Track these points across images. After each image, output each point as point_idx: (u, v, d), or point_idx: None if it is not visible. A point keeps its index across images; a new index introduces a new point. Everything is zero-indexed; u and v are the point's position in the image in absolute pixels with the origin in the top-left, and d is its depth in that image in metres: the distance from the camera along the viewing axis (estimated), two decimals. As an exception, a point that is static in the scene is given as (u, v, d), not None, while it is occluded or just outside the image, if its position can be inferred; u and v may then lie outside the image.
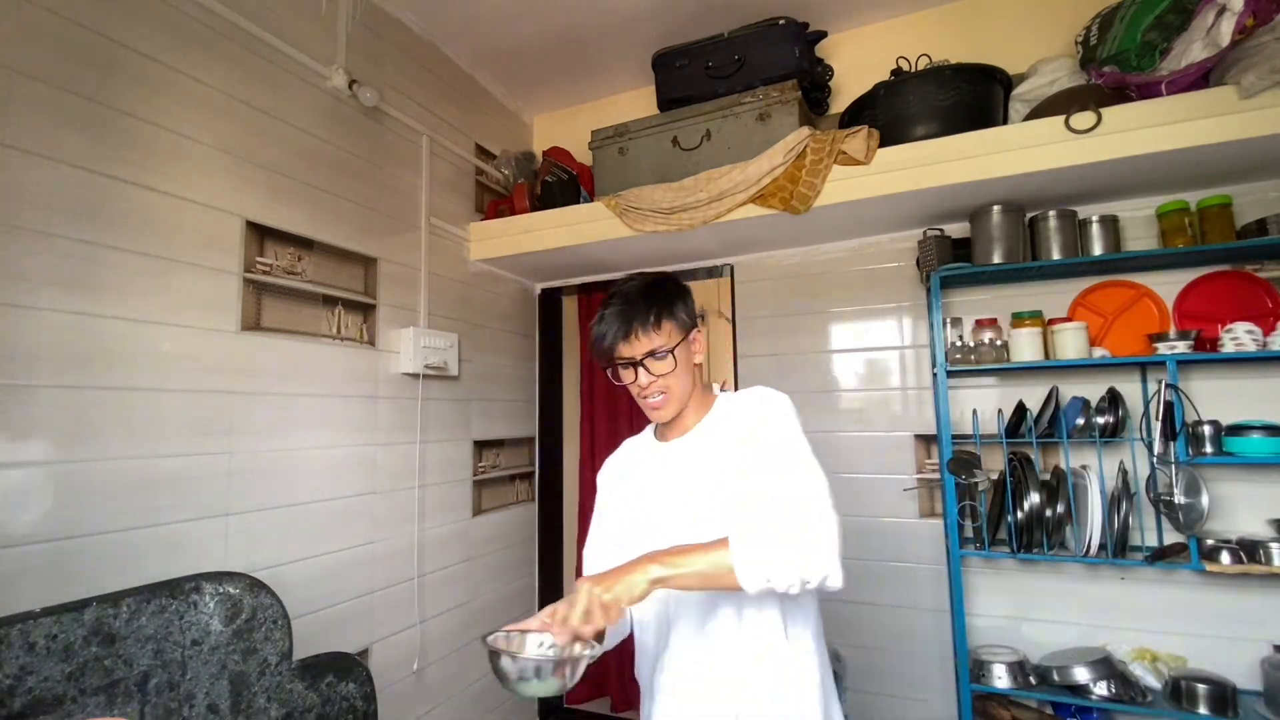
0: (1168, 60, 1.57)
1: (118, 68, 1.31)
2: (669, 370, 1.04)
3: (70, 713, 0.97)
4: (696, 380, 1.12)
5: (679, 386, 1.07)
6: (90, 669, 1.00)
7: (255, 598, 1.25)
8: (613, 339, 1.04)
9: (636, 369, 1.05)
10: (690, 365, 1.10)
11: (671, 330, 1.06)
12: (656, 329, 1.04)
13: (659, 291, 1.07)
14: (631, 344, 1.04)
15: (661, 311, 1.05)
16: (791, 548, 0.85)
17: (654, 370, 1.04)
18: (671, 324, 1.06)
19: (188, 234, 1.43)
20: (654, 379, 1.05)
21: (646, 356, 1.03)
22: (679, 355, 1.06)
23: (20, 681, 0.93)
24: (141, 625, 1.08)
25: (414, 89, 2.16)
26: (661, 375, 1.05)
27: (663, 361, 1.04)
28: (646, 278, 1.10)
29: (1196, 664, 1.73)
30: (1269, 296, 1.74)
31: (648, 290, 1.07)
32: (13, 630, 0.93)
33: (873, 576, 2.16)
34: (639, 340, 1.03)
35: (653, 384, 1.05)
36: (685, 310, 1.09)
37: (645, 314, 1.03)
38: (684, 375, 1.07)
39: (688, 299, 1.11)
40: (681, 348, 1.06)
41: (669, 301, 1.07)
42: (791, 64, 2.01)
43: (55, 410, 1.18)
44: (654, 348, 1.03)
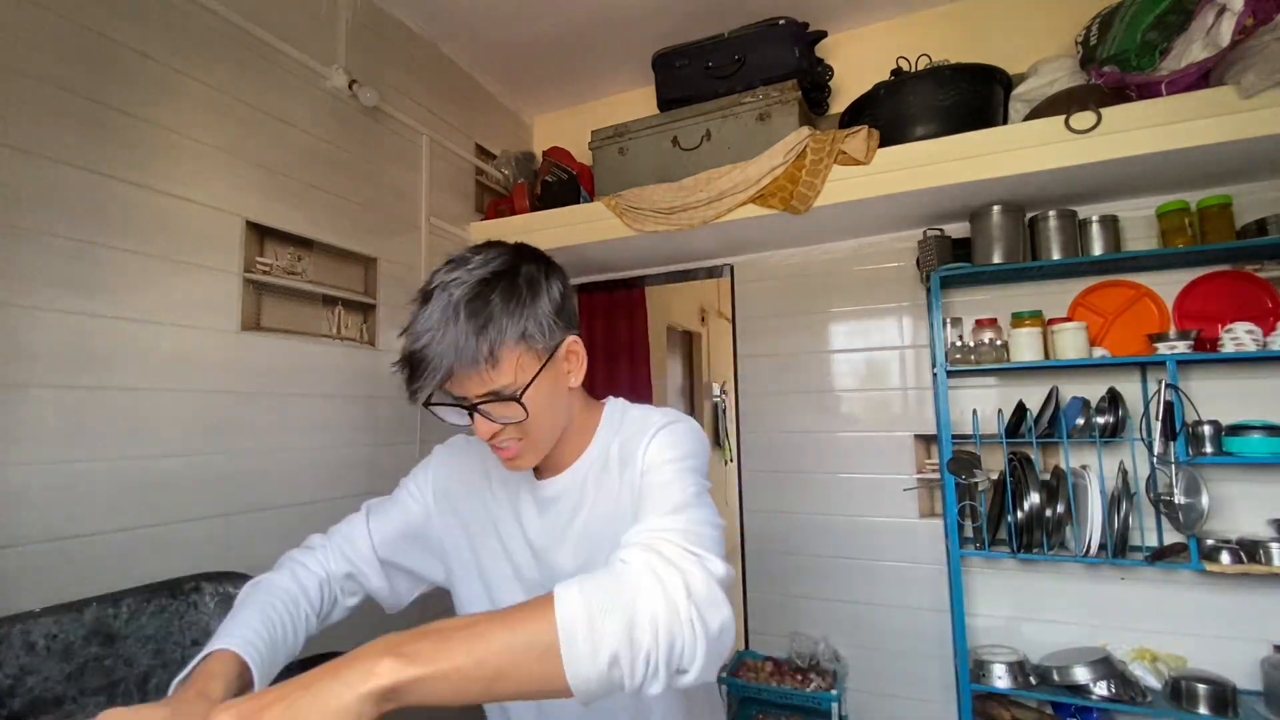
0: (1168, 60, 1.57)
1: (118, 68, 1.31)
2: (519, 418, 0.71)
3: (70, 713, 0.97)
4: (574, 405, 0.80)
5: (539, 431, 0.74)
6: (90, 669, 1.00)
7: (255, 598, 1.25)
8: (426, 381, 0.67)
9: (472, 413, 0.72)
10: (560, 395, 0.76)
11: (520, 360, 0.70)
12: (492, 366, 0.68)
13: (494, 300, 0.69)
14: (457, 385, 0.70)
15: (500, 336, 0.68)
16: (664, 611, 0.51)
17: (497, 418, 0.71)
18: (519, 352, 0.70)
19: (188, 234, 1.43)
20: (499, 427, 0.72)
21: (484, 401, 0.70)
22: (535, 393, 0.71)
23: (20, 681, 0.93)
24: (141, 625, 1.08)
25: (414, 89, 2.16)
26: (510, 423, 0.72)
27: (509, 407, 0.70)
28: (479, 269, 0.72)
29: (1196, 664, 1.73)
30: (1269, 296, 1.74)
31: (477, 298, 0.69)
32: (13, 630, 0.93)
33: (873, 576, 2.16)
34: (464, 384, 0.69)
35: (498, 434, 0.73)
36: (542, 322, 0.72)
37: (474, 343, 0.67)
38: (549, 414, 0.74)
39: (545, 298, 0.74)
40: (541, 380, 0.72)
41: (513, 315, 0.70)
42: (791, 64, 2.01)
43: (55, 410, 1.18)
44: (494, 389, 0.69)
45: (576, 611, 0.50)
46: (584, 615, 0.49)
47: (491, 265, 0.73)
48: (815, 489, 2.26)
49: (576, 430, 0.82)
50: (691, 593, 0.52)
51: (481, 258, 0.74)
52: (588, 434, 0.83)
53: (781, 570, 2.29)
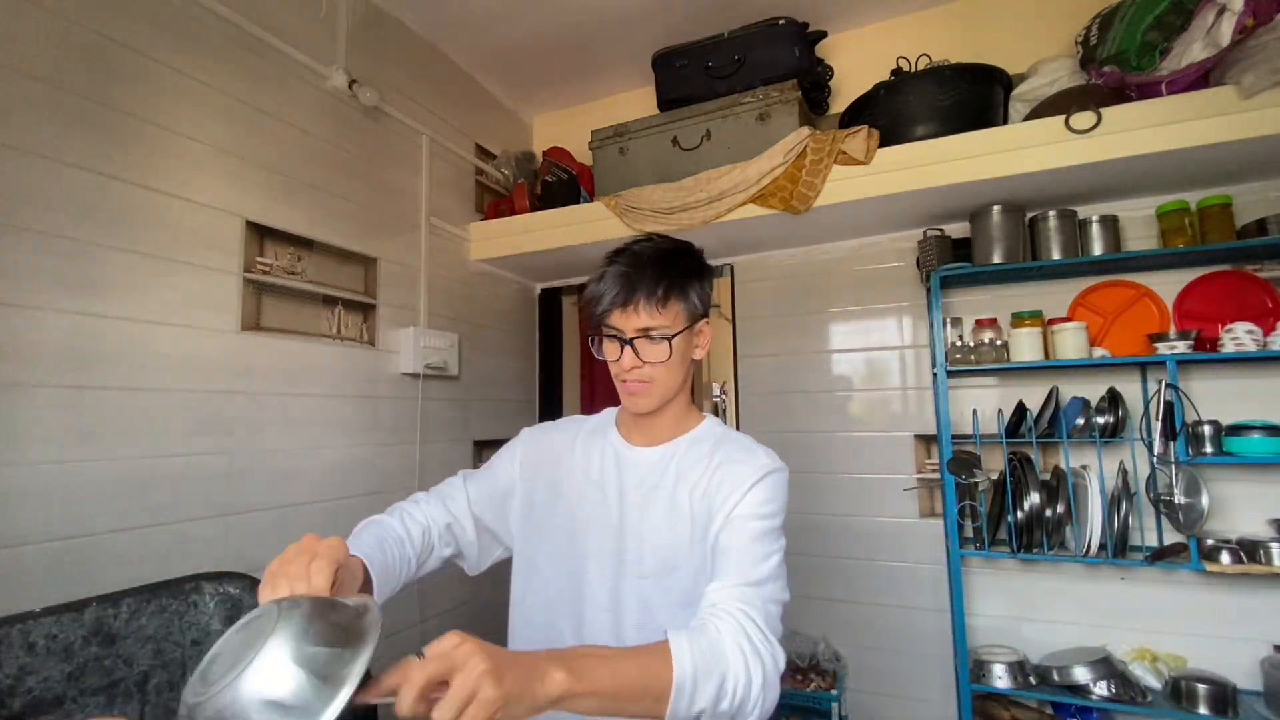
0: (1168, 60, 1.57)
1: (118, 68, 1.31)
2: (661, 358, 0.88)
3: (70, 713, 0.97)
4: (687, 381, 0.97)
5: (667, 379, 0.91)
6: (90, 669, 1.00)
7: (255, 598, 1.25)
8: (608, 304, 0.88)
9: (624, 346, 0.89)
10: (686, 359, 0.93)
11: (677, 313, 0.89)
12: (661, 307, 0.87)
13: (676, 263, 0.91)
14: (627, 315, 0.88)
15: (672, 288, 0.88)
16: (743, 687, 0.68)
17: (643, 354, 0.89)
18: (679, 306, 0.89)
19: (188, 234, 1.43)
20: (640, 364, 0.89)
21: (639, 336, 0.88)
22: (677, 345, 0.89)
23: (20, 681, 0.93)
24: (141, 625, 1.08)
25: (414, 89, 2.16)
26: (651, 362, 0.89)
27: (657, 346, 0.88)
28: (665, 242, 0.94)
29: (1196, 664, 1.73)
30: (1269, 296, 1.74)
31: (663, 258, 0.90)
32: (13, 630, 0.93)
33: (873, 576, 2.16)
34: (636, 314, 0.87)
35: (637, 368, 0.89)
36: (699, 294, 0.93)
37: (652, 285, 0.87)
38: (676, 368, 0.91)
39: (706, 281, 0.95)
40: (683, 337, 0.90)
41: (684, 278, 0.90)
42: (791, 64, 2.01)
43: (56, 410, 1.18)
44: (651, 326, 0.87)
45: (686, 671, 0.65)
46: (690, 676, 0.65)
47: (673, 244, 0.94)
48: (815, 489, 2.26)
49: (678, 413, 0.97)
50: (765, 679, 0.70)
51: (664, 239, 0.95)
52: (686, 424, 0.98)
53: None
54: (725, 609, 0.75)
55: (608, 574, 0.92)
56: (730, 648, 0.70)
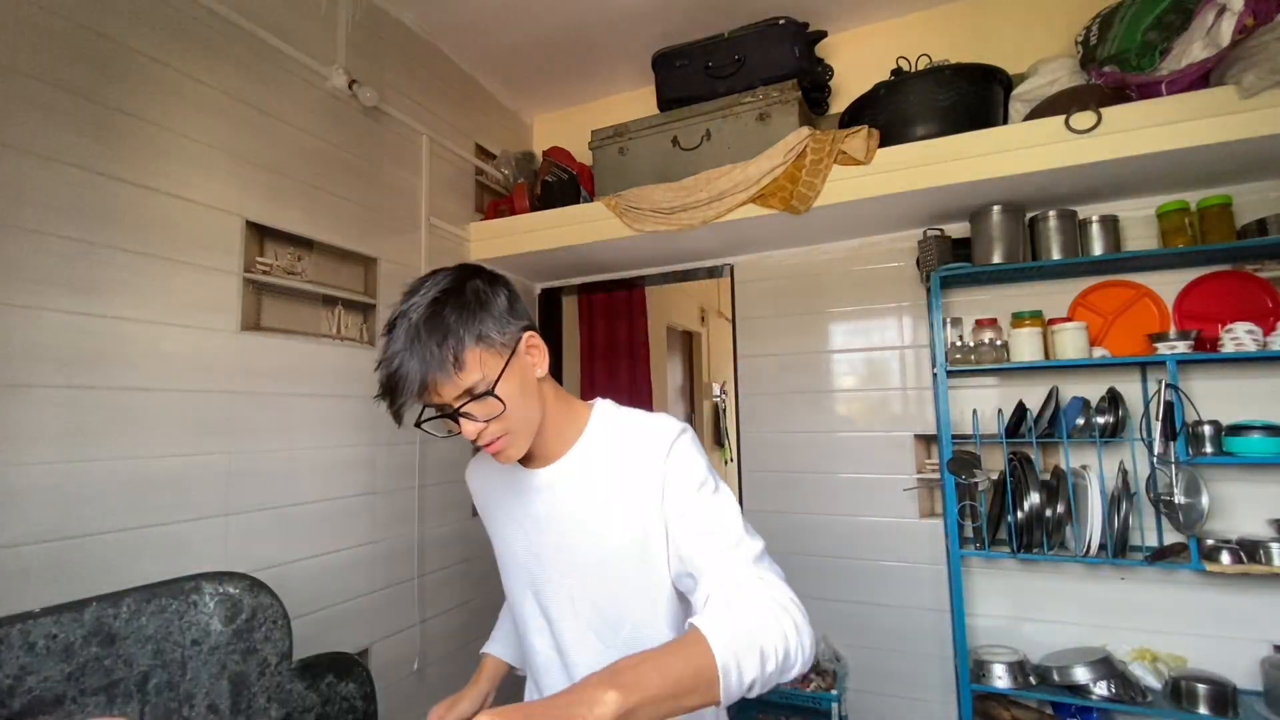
0: (1168, 60, 1.57)
1: (118, 68, 1.31)
2: (497, 411, 0.79)
3: (70, 713, 0.97)
4: (549, 398, 0.89)
5: (519, 419, 0.82)
6: (90, 669, 1.00)
7: (255, 598, 1.25)
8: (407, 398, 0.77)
9: (456, 419, 0.80)
10: (528, 385, 0.84)
11: (484, 359, 0.79)
12: (458, 368, 0.76)
13: (448, 313, 0.78)
14: (435, 395, 0.78)
15: (460, 342, 0.77)
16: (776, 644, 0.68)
17: (480, 415, 0.80)
18: (481, 351, 0.79)
19: (188, 234, 1.43)
20: (484, 425, 0.80)
21: (463, 404, 0.78)
22: (506, 386, 0.80)
23: (20, 681, 0.93)
24: (141, 625, 1.08)
25: (414, 89, 2.16)
26: (491, 419, 0.80)
27: (487, 403, 0.79)
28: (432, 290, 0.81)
29: (1197, 664, 1.73)
30: (1269, 296, 1.74)
31: (433, 316, 0.77)
32: (13, 630, 0.93)
33: (873, 576, 2.16)
34: (440, 392, 0.78)
35: (483, 432, 0.81)
36: (498, 322, 0.81)
37: (438, 352, 0.76)
38: (520, 405, 0.82)
39: (493, 307, 0.82)
40: (509, 374, 0.81)
41: (469, 323, 0.78)
42: (791, 64, 2.01)
43: (55, 410, 1.18)
44: (466, 389, 0.78)
45: (727, 650, 0.65)
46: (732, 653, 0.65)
47: (440, 285, 0.81)
48: (815, 489, 2.26)
49: (559, 422, 0.90)
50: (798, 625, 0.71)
51: (430, 281, 0.83)
52: (576, 428, 0.91)
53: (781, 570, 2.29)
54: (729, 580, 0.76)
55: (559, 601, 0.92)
56: (756, 613, 0.70)
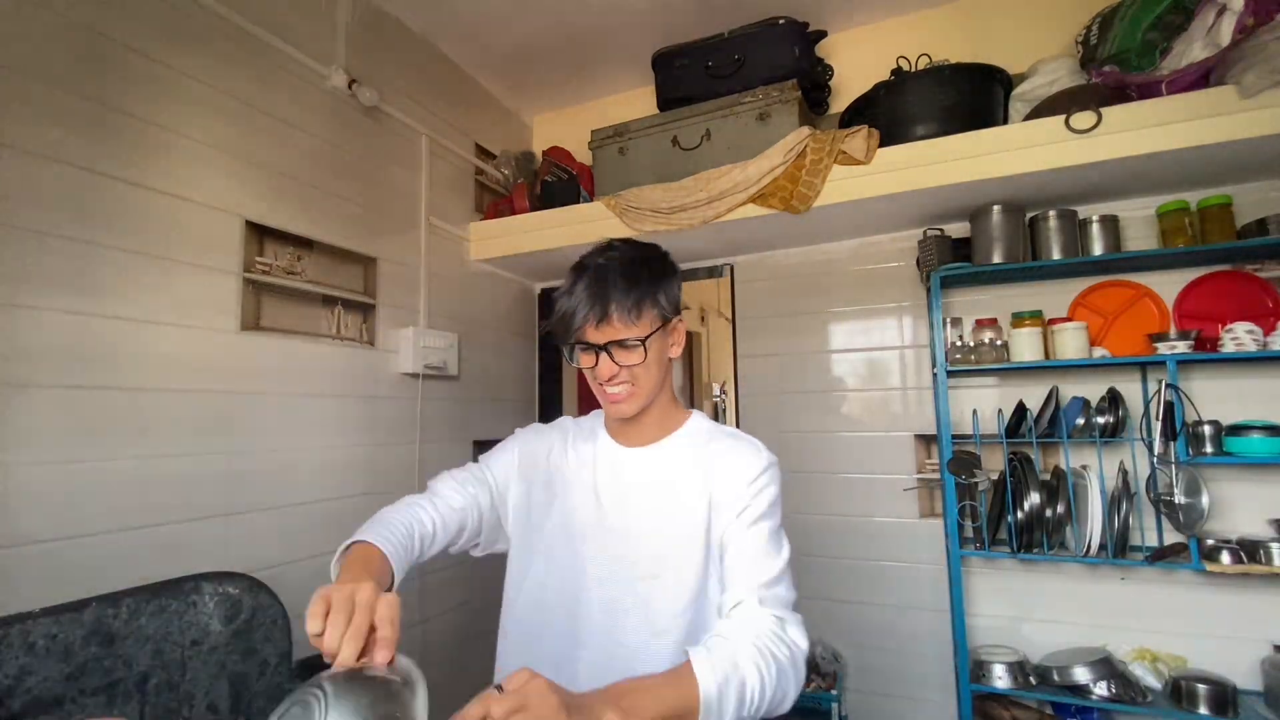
0: (1168, 60, 1.57)
1: (118, 68, 1.31)
2: (637, 361, 0.90)
3: (70, 713, 0.97)
4: (668, 379, 0.99)
5: (647, 380, 0.93)
6: (90, 669, 1.00)
7: (255, 598, 1.25)
8: (580, 321, 0.89)
9: (599, 354, 0.91)
10: (663, 358, 0.96)
11: (651, 319, 0.91)
12: (634, 317, 0.89)
13: (644, 271, 0.92)
14: (601, 329, 0.89)
15: (643, 297, 0.90)
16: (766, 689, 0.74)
17: (620, 360, 0.90)
18: (652, 312, 0.91)
19: (188, 234, 1.43)
20: (618, 369, 0.91)
21: (613, 345, 0.89)
22: (651, 346, 0.91)
23: (20, 681, 0.93)
24: (141, 625, 1.08)
25: (414, 89, 2.16)
26: (627, 366, 0.91)
27: (632, 351, 0.90)
28: (630, 250, 0.95)
29: (1197, 664, 1.73)
30: (1269, 296, 1.74)
31: (630, 268, 0.91)
32: (12, 630, 0.93)
33: (873, 576, 2.16)
34: (611, 327, 0.89)
35: (616, 374, 0.91)
36: (669, 296, 0.95)
37: (624, 297, 0.88)
38: (654, 369, 0.93)
39: (673, 282, 0.97)
40: (656, 337, 0.92)
41: (653, 285, 0.92)
42: (791, 64, 2.01)
43: (55, 410, 1.18)
44: (624, 336, 0.89)
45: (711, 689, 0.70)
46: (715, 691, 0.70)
47: (639, 250, 0.96)
48: (815, 489, 2.26)
49: (665, 409, 1.00)
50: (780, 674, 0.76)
51: (627, 244, 0.97)
52: (674, 423, 1.00)
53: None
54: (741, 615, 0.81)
55: (606, 577, 0.93)
56: (746, 657, 0.74)
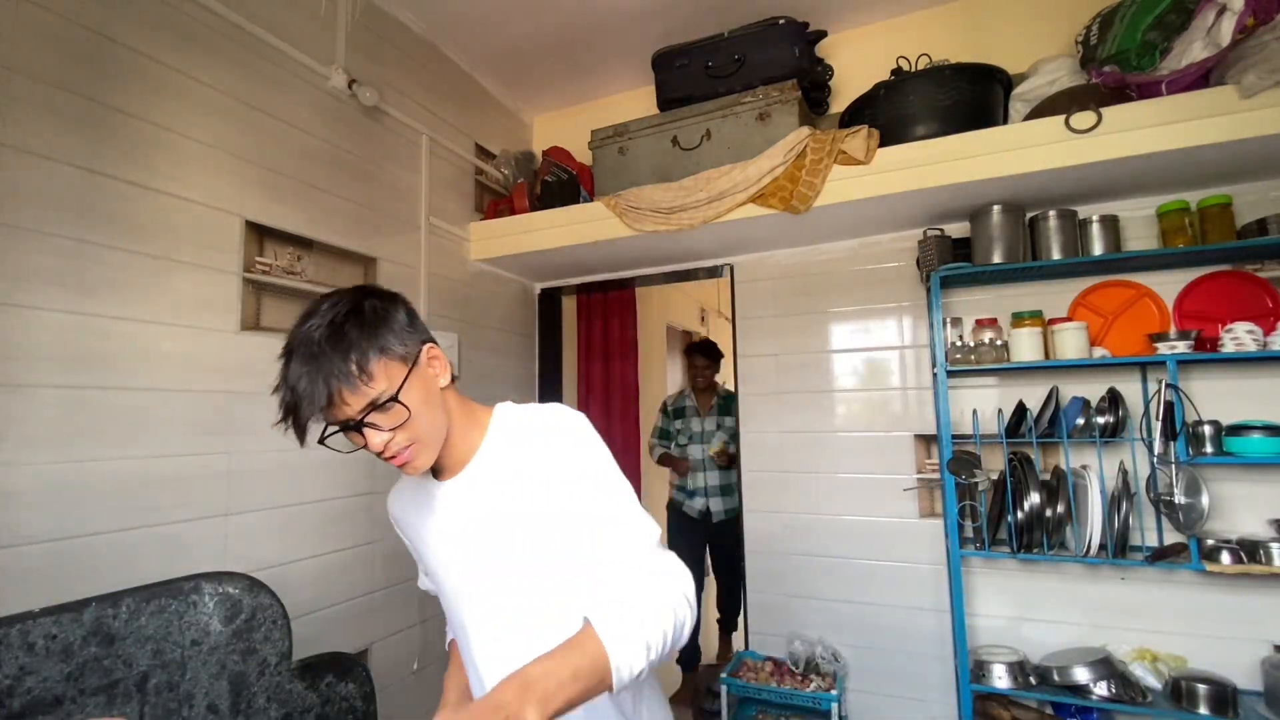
0: (1168, 60, 1.57)
1: (118, 68, 1.31)
2: (402, 420, 0.80)
3: (70, 713, 0.97)
4: (451, 407, 0.89)
5: (425, 427, 0.83)
6: (89, 669, 1.00)
7: (255, 598, 1.25)
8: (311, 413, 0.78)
9: (360, 432, 0.80)
10: (431, 394, 0.85)
11: (387, 369, 0.80)
12: (366, 379, 0.77)
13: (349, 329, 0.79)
14: (340, 409, 0.78)
15: (364, 355, 0.78)
16: (665, 630, 0.73)
17: (384, 425, 0.80)
18: (384, 362, 0.80)
19: (188, 234, 1.43)
20: (389, 435, 0.81)
21: (367, 414, 0.79)
22: (411, 394, 0.81)
23: (19, 681, 0.93)
24: (141, 625, 1.08)
25: (414, 89, 2.16)
26: (397, 428, 0.81)
27: (390, 412, 0.80)
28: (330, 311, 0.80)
29: (1197, 664, 1.73)
30: (1269, 296, 1.74)
31: (335, 333, 0.78)
32: (12, 630, 0.93)
33: (873, 576, 2.16)
34: (347, 403, 0.78)
35: (388, 442, 0.81)
36: (397, 336, 0.82)
37: (343, 365, 0.76)
38: (426, 413, 0.83)
39: (393, 319, 0.83)
40: (412, 383, 0.82)
41: (371, 336, 0.80)
42: (791, 64, 2.01)
43: (55, 410, 1.18)
44: (372, 399, 0.78)
45: (619, 653, 0.69)
46: (625, 655, 0.69)
47: (339, 307, 0.81)
48: (815, 489, 2.26)
49: (465, 430, 0.91)
50: (675, 610, 0.76)
51: (327, 304, 0.82)
52: (479, 433, 0.92)
53: (781, 570, 2.29)
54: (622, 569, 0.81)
55: (461, 620, 0.93)
56: (645, 603, 0.75)
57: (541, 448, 0.87)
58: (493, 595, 0.89)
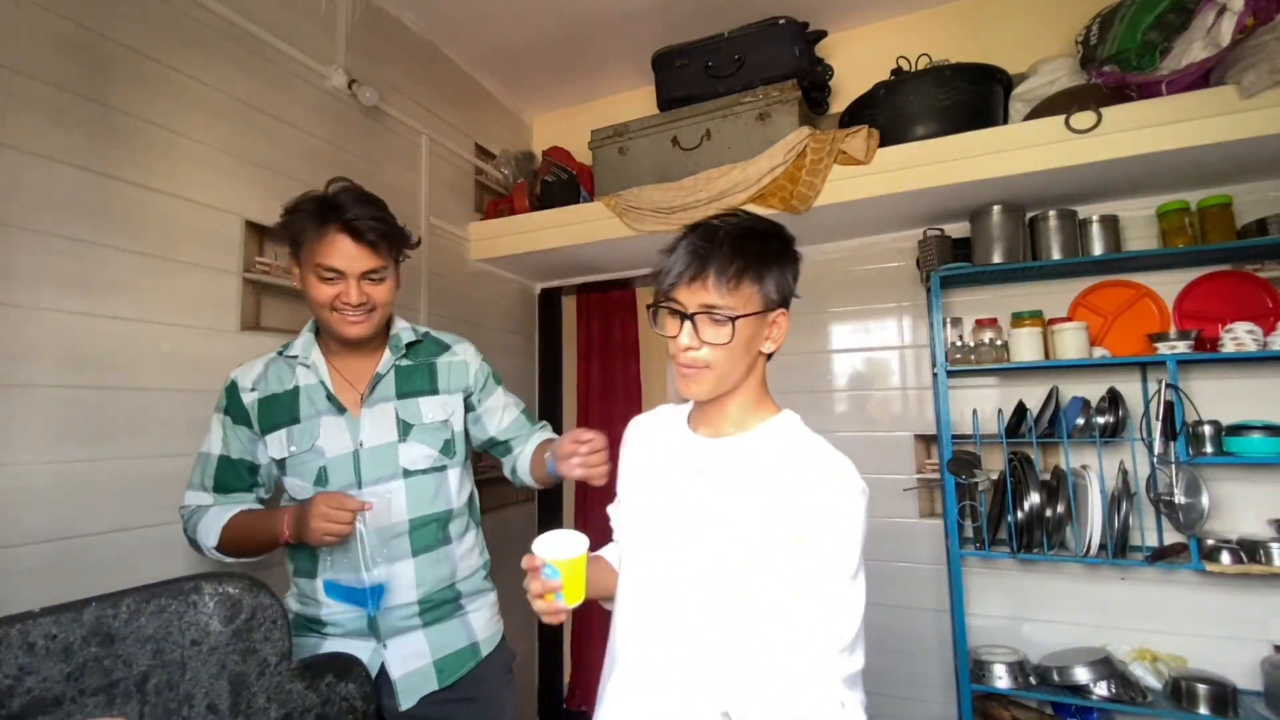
0: (1168, 60, 1.57)
1: (118, 68, 1.31)
2: (722, 340, 0.81)
3: (70, 713, 0.97)
4: (756, 372, 0.88)
5: (726, 365, 0.83)
6: (89, 669, 1.00)
7: (255, 598, 1.25)
8: (674, 278, 0.82)
9: (684, 321, 0.82)
10: (753, 347, 0.85)
11: (749, 296, 0.81)
12: (732, 287, 0.80)
13: (756, 243, 0.82)
14: (694, 290, 0.81)
15: (747, 268, 0.80)
16: None
17: (703, 334, 0.81)
18: (753, 288, 0.81)
19: (188, 234, 1.43)
20: (698, 344, 0.82)
21: (701, 312, 0.81)
22: (741, 328, 0.81)
23: (19, 682, 0.93)
24: (141, 625, 1.08)
25: (414, 89, 2.16)
26: (710, 343, 0.82)
27: (719, 327, 0.81)
28: (753, 220, 0.86)
29: (1196, 664, 1.73)
30: (1269, 296, 1.74)
31: (743, 235, 0.82)
32: (12, 630, 0.93)
33: (873, 576, 2.11)
34: (705, 289, 0.80)
35: (692, 349, 0.82)
36: (778, 280, 0.84)
37: (725, 262, 0.80)
38: (738, 354, 0.83)
39: (786, 269, 0.85)
40: (750, 321, 0.82)
41: (761, 262, 0.82)
42: (791, 64, 2.01)
43: (55, 410, 1.18)
44: (716, 305, 0.80)
45: None
46: None
47: (762, 225, 0.86)
48: (815, 489, 2.26)
49: (750, 402, 0.89)
50: None
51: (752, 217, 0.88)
52: (760, 418, 0.89)
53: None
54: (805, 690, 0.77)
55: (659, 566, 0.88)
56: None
57: (817, 482, 0.81)
58: (677, 567, 0.85)
